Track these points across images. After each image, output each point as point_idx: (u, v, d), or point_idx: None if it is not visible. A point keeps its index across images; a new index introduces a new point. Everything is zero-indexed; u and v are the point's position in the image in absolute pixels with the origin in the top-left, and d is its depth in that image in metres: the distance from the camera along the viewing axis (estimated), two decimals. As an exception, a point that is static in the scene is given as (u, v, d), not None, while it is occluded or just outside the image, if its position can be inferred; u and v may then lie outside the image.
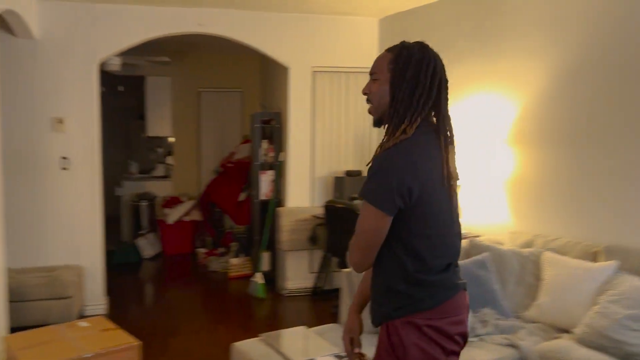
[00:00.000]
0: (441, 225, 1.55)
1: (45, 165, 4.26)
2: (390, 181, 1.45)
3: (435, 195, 1.51)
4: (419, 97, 1.51)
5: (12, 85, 4.11)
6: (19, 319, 3.77)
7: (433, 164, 1.52)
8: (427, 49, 1.57)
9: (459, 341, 1.56)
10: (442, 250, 1.55)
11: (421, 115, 1.51)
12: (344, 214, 4.11)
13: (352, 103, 4.99)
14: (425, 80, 1.51)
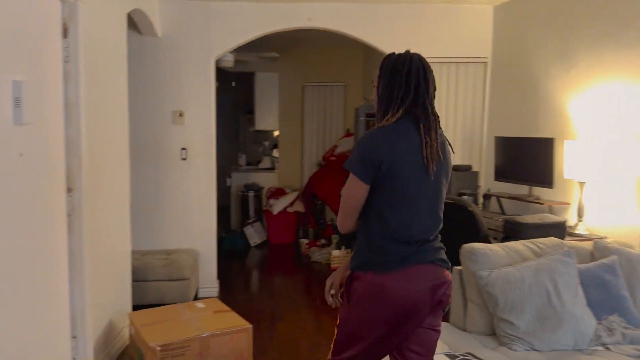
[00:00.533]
0: (410, 199, 1.81)
1: (167, 156, 4.56)
2: (366, 154, 1.79)
3: (407, 172, 1.79)
4: (397, 93, 1.84)
5: (138, 81, 4.44)
6: (140, 297, 4.08)
7: (410, 146, 1.80)
8: (404, 55, 1.90)
9: (407, 309, 1.78)
10: (409, 223, 1.81)
11: (402, 107, 1.83)
12: (453, 209, 3.97)
13: (461, 95, 4.82)
14: (400, 79, 1.84)
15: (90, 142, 2.88)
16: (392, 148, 1.78)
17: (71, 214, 2.71)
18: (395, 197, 1.80)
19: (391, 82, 1.86)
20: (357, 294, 1.84)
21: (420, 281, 1.80)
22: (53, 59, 2.49)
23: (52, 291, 2.51)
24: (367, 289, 1.82)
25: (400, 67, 1.85)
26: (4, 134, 2.05)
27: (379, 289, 1.79)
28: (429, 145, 1.80)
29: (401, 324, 1.81)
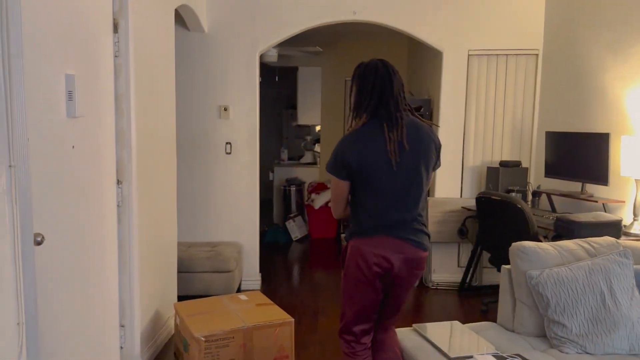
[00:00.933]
0: (382, 189, 2.17)
1: (212, 150, 4.63)
2: (338, 157, 2.18)
3: (376, 167, 2.15)
4: (364, 100, 2.18)
5: (185, 76, 4.52)
6: (186, 288, 4.16)
7: (376, 144, 2.14)
8: (371, 64, 2.22)
9: (377, 269, 2.20)
10: (383, 207, 2.19)
11: (367, 111, 2.17)
12: (501, 206, 3.87)
13: (510, 88, 4.67)
14: (367, 86, 2.18)
15: (140, 135, 2.95)
16: (359, 149, 2.15)
17: (121, 206, 2.78)
18: (369, 188, 2.19)
19: (360, 90, 2.20)
20: (347, 259, 2.29)
21: (388, 249, 2.20)
22: (104, 54, 2.56)
23: (102, 280, 2.59)
24: (351, 252, 2.26)
25: (368, 75, 2.19)
26: (58, 126, 2.12)
27: (357, 251, 2.22)
28: (392, 142, 2.13)
29: (373, 280, 2.23)
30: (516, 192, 4.31)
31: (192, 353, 2.91)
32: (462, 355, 2.24)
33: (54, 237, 2.08)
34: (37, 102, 1.95)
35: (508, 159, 4.66)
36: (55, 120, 2.09)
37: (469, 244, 4.66)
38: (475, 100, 4.70)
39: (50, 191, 2.07)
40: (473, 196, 4.72)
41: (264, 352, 3.02)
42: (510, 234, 3.65)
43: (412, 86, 6.39)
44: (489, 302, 4.22)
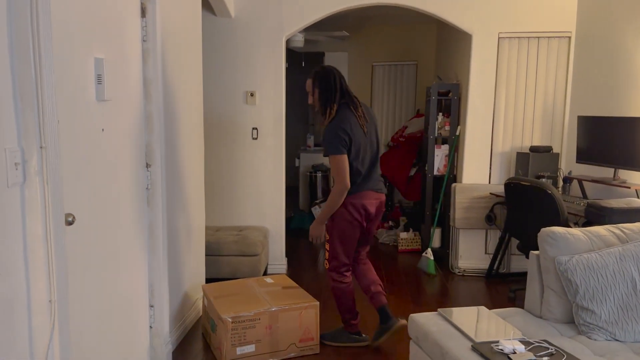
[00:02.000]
0: (363, 153, 2.96)
1: (239, 135, 4.66)
2: (338, 136, 2.85)
3: (357, 138, 2.92)
4: (331, 94, 2.92)
5: (212, 61, 4.55)
6: (213, 271, 4.23)
7: (354, 123, 2.92)
8: (327, 68, 2.98)
9: (365, 214, 3.03)
10: (363, 165, 2.97)
11: (335, 102, 2.92)
12: (530, 192, 3.80)
13: (541, 72, 4.56)
14: (330, 84, 2.92)
15: (168, 119, 2.99)
16: (349, 127, 2.88)
17: (150, 189, 2.83)
18: (357, 156, 2.93)
19: (326, 88, 2.91)
20: (340, 213, 2.99)
21: (372, 199, 3.04)
22: (132, 38, 2.59)
23: (132, 261, 2.65)
24: (345, 206, 2.99)
25: (329, 76, 2.94)
26: (87, 109, 2.16)
27: (352, 204, 2.99)
28: (361, 117, 2.97)
29: (362, 221, 3.04)
30: (546, 178, 4.22)
31: (220, 333, 2.96)
32: (487, 340, 2.22)
33: (85, 218, 2.14)
34: (66, 86, 1.99)
35: (538, 144, 4.56)
36: (85, 104, 2.14)
37: (497, 230, 4.60)
38: (505, 85, 4.60)
39: (81, 173, 2.12)
40: (501, 182, 4.64)
41: (289, 334, 3.05)
42: (540, 221, 3.59)
43: (440, 71, 6.30)
44: (517, 289, 4.16)
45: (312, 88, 2.94)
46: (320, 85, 2.92)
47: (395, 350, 3.24)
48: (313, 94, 2.95)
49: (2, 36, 1.61)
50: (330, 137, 2.85)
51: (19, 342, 1.74)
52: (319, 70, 2.94)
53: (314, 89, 2.94)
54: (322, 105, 2.92)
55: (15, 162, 1.68)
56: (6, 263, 1.66)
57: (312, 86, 2.94)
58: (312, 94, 2.96)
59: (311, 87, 2.95)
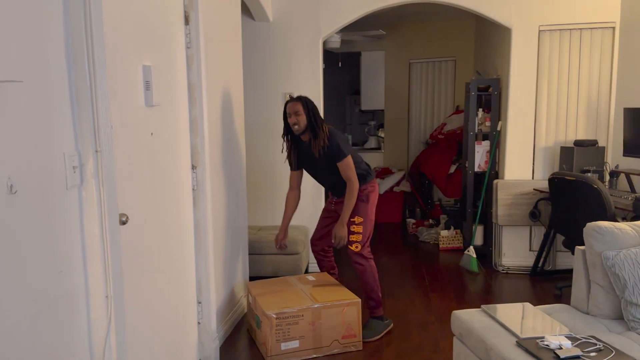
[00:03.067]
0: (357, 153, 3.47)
1: (278, 136, 4.73)
2: (345, 143, 3.29)
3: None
4: (319, 115, 3.30)
5: (252, 64, 4.65)
6: (256, 269, 4.33)
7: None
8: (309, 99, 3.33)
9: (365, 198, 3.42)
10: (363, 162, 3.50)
11: (323, 121, 3.33)
12: (576, 187, 3.72)
13: (584, 64, 4.45)
14: (316, 108, 3.29)
15: (211, 122, 3.09)
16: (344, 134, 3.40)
17: (196, 189, 2.93)
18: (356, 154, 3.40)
19: (316, 110, 3.27)
20: (371, 195, 3.43)
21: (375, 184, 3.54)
22: (177, 45, 2.69)
23: (180, 259, 2.75)
24: (371, 190, 3.43)
25: (312, 102, 3.29)
26: (137, 114, 2.26)
27: (374, 188, 3.46)
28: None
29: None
30: (592, 172, 4.12)
31: (264, 329, 3.04)
32: (533, 336, 2.20)
33: (137, 217, 2.24)
34: (118, 93, 2.10)
35: (583, 138, 4.45)
36: (135, 109, 2.24)
37: (542, 227, 4.52)
38: (547, 78, 4.51)
39: (133, 175, 2.22)
40: (545, 178, 4.56)
41: (331, 330, 3.10)
42: (586, 216, 3.51)
43: (480, 66, 6.22)
44: (563, 286, 4.08)
45: (304, 110, 3.22)
46: (312, 107, 3.25)
47: (439, 347, 3.24)
48: (307, 115, 3.22)
49: (60, 48, 1.72)
50: (341, 143, 3.24)
51: (79, 334, 1.84)
52: (301, 97, 3.28)
53: (306, 111, 3.22)
54: (317, 124, 3.24)
55: (73, 165, 1.79)
56: (67, 260, 1.76)
57: (303, 109, 3.22)
58: (304, 115, 3.22)
59: (302, 109, 3.22)
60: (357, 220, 3.36)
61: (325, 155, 3.26)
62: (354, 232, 3.36)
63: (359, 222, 3.37)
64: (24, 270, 1.56)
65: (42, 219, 1.63)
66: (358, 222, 3.36)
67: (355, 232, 3.36)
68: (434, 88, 7.31)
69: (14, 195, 1.51)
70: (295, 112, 3.23)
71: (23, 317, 1.56)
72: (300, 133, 3.27)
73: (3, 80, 1.44)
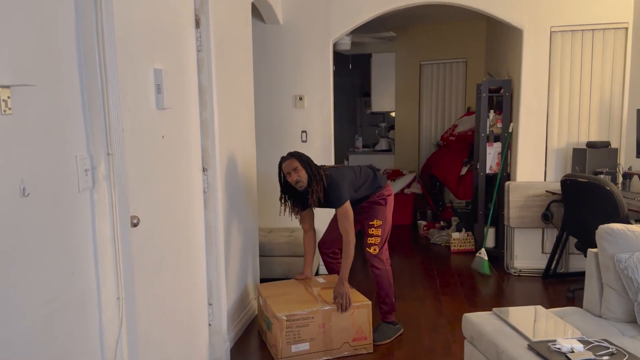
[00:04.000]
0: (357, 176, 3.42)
1: (288, 139, 4.76)
2: (346, 186, 3.23)
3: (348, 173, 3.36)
4: (314, 165, 3.24)
5: (262, 67, 4.67)
6: (266, 271, 4.33)
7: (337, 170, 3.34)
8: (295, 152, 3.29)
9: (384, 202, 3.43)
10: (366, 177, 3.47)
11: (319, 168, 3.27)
12: (588, 189, 3.68)
13: (597, 65, 4.41)
14: (309, 159, 3.25)
15: (222, 125, 3.10)
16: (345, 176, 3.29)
17: (207, 192, 2.95)
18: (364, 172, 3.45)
19: (311, 162, 3.23)
20: (389, 201, 3.44)
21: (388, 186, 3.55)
22: (187, 49, 2.71)
23: (191, 261, 2.77)
24: (390, 196, 3.46)
25: (304, 155, 3.24)
26: (149, 117, 2.28)
27: (391, 191, 3.49)
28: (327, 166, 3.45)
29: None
30: (605, 174, 4.08)
31: (275, 331, 3.04)
32: (545, 339, 2.18)
33: (148, 220, 2.26)
34: (129, 96, 2.12)
35: (596, 140, 4.41)
36: (146, 112, 2.26)
37: (554, 229, 4.48)
38: (559, 79, 4.47)
39: (144, 177, 2.24)
40: (558, 179, 4.52)
41: (342, 333, 3.09)
42: (599, 218, 3.47)
43: (491, 67, 6.19)
44: (575, 289, 4.04)
45: (302, 165, 3.17)
46: (306, 159, 3.21)
47: (450, 350, 3.22)
48: (306, 169, 3.17)
49: (72, 52, 1.74)
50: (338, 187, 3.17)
51: (90, 336, 1.86)
52: (293, 153, 3.23)
53: (303, 165, 3.17)
54: (315, 174, 3.18)
55: (85, 168, 1.81)
56: (79, 262, 1.78)
57: (300, 164, 3.17)
58: (303, 169, 3.16)
59: (299, 164, 3.16)
60: (376, 224, 3.37)
61: (327, 201, 3.23)
62: (372, 234, 3.37)
63: (377, 226, 3.37)
64: (37, 272, 1.58)
65: (54, 221, 1.65)
66: (377, 225, 3.37)
67: (374, 234, 3.37)
68: (444, 89, 7.28)
69: (26, 198, 1.53)
70: (294, 170, 3.16)
71: (37, 318, 1.58)
72: (304, 189, 3.19)
73: (16, 84, 1.47)
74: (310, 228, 3.55)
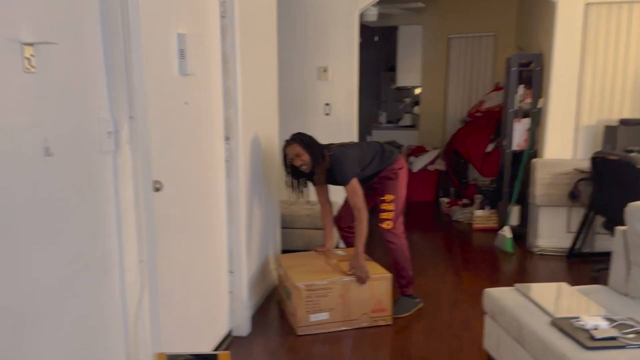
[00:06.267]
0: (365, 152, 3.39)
1: (311, 111, 4.71)
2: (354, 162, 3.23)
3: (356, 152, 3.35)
4: (318, 146, 3.24)
5: (286, 37, 4.60)
6: (287, 243, 4.35)
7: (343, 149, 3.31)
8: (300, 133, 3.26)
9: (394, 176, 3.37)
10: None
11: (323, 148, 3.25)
12: (619, 167, 3.57)
13: (634, 40, 4.23)
14: (312, 140, 3.24)
15: (245, 94, 3.08)
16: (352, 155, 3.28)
17: (229, 161, 2.95)
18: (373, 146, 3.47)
19: (314, 143, 3.21)
20: (398, 171, 3.36)
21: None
22: (211, 14, 2.68)
23: (213, 229, 2.78)
24: (400, 168, 3.38)
25: (306, 136, 3.22)
26: (171, 82, 2.27)
27: (404, 165, 3.43)
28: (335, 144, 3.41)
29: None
30: (637, 152, 3.95)
31: (294, 301, 3.06)
32: (568, 315, 2.14)
33: (171, 185, 2.27)
34: (152, 60, 2.11)
35: (629, 117, 4.26)
36: (169, 77, 2.25)
37: (581, 208, 4.38)
38: (593, 54, 4.31)
39: (167, 143, 2.24)
40: (587, 157, 4.39)
41: (361, 304, 3.10)
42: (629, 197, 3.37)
43: (521, 40, 6.00)
44: (601, 269, 3.95)
45: (304, 149, 3.15)
46: (308, 142, 3.19)
47: (470, 324, 3.20)
48: (309, 152, 3.16)
49: (95, 12, 1.72)
50: (345, 165, 3.16)
51: (113, 297, 1.89)
52: (295, 137, 3.21)
53: (306, 148, 3.16)
54: (318, 156, 3.17)
55: (108, 130, 1.81)
56: (101, 224, 1.80)
57: (303, 148, 3.15)
58: (306, 154, 3.15)
59: (302, 149, 3.15)
60: (388, 199, 3.34)
61: (333, 180, 3.26)
62: (385, 210, 3.34)
63: (389, 200, 3.34)
64: (61, 232, 1.60)
65: (77, 182, 1.66)
66: (389, 200, 3.34)
67: (386, 210, 3.34)
68: (472, 64, 7.11)
69: (49, 158, 1.54)
70: (296, 155, 3.18)
71: (60, 277, 1.60)
72: (310, 170, 3.22)
73: (39, 41, 1.46)
74: (326, 201, 3.53)
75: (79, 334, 1.70)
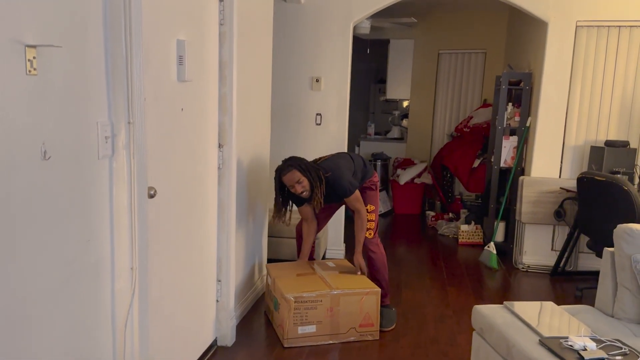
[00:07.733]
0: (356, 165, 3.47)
1: (303, 120, 4.71)
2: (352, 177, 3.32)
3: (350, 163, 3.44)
4: (315, 170, 3.21)
5: (281, 47, 4.61)
6: (273, 252, 4.33)
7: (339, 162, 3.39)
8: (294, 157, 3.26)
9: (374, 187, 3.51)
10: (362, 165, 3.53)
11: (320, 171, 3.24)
12: (606, 188, 3.63)
13: (621, 62, 4.32)
14: (309, 164, 3.22)
15: (239, 101, 3.07)
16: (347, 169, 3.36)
17: (221, 168, 2.93)
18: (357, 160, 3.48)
19: (309, 165, 3.20)
20: (377, 183, 3.50)
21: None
22: (210, 21, 2.67)
23: (203, 237, 2.76)
24: (377, 179, 3.51)
25: (304, 161, 3.21)
26: (169, 88, 2.25)
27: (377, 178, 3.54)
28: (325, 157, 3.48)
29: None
30: (622, 174, 4.02)
31: (282, 312, 3.04)
32: (556, 335, 2.16)
33: (165, 192, 2.24)
34: (152, 65, 2.09)
35: (615, 139, 4.35)
36: (168, 83, 2.23)
37: (565, 226, 4.44)
38: (582, 75, 4.40)
39: (162, 149, 2.22)
40: (573, 177, 4.47)
41: (349, 318, 3.09)
42: (614, 218, 3.44)
43: (511, 59, 6.10)
44: (584, 288, 4.01)
45: (302, 173, 3.13)
46: (305, 166, 3.17)
47: (455, 340, 3.21)
48: (307, 177, 3.15)
49: (98, 17, 1.71)
50: (344, 180, 3.22)
51: (103, 304, 1.86)
52: (290, 162, 3.18)
53: (305, 173, 3.14)
54: (316, 179, 3.17)
55: (105, 135, 1.79)
56: (95, 230, 1.77)
57: (301, 173, 3.13)
58: (305, 178, 3.14)
59: (301, 174, 3.13)
60: (370, 209, 3.45)
61: (329, 197, 3.28)
62: (368, 219, 3.43)
63: (371, 211, 3.46)
64: (55, 236, 1.57)
65: (73, 186, 1.64)
66: (371, 210, 3.45)
67: (369, 219, 3.44)
68: (462, 80, 7.20)
69: (47, 162, 1.51)
70: (297, 182, 3.14)
71: (53, 282, 1.57)
72: (309, 195, 3.21)
73: (42, 44, 1.44)
74: (312, 219, 3.50)
75: (69, 340, 1.67)
